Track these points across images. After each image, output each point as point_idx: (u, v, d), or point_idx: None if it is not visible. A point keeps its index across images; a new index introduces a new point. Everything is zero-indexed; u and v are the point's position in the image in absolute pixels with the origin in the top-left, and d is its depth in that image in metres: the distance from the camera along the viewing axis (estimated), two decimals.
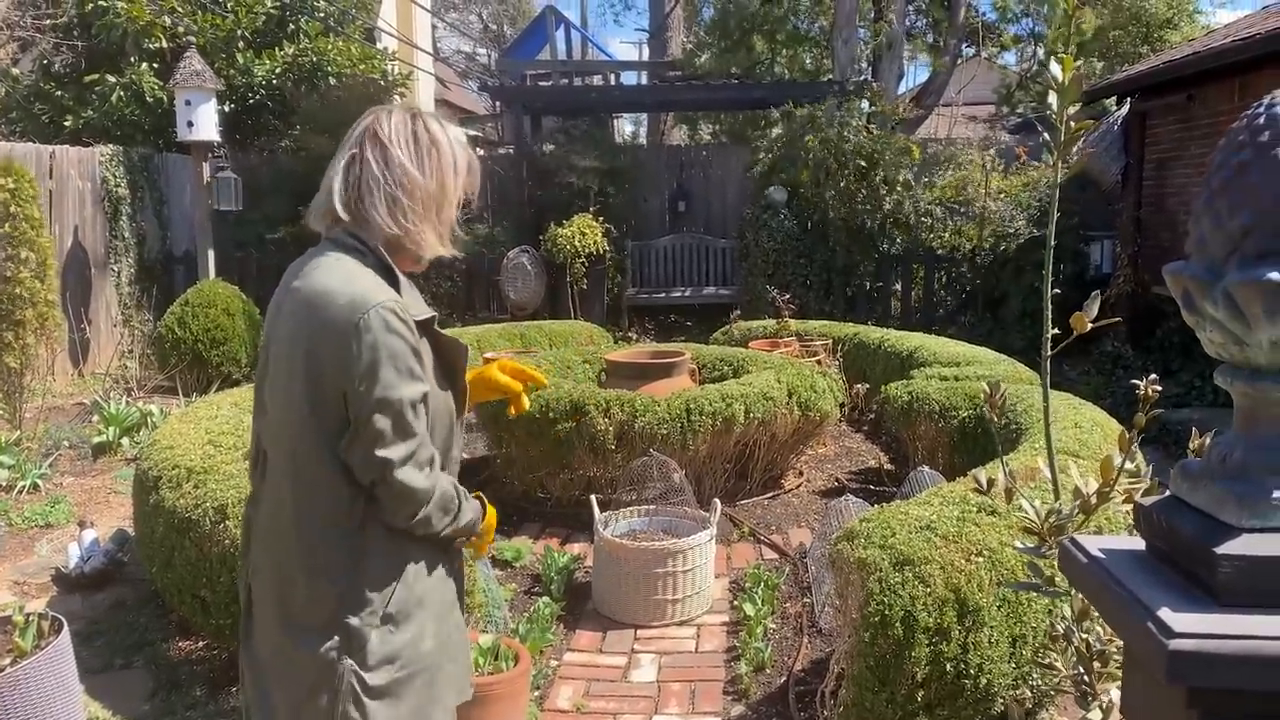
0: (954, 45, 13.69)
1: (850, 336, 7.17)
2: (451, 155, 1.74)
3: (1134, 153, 9.06)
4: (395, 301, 1.62)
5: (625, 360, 5.37)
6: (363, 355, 1.57)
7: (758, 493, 5.05)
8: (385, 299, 1.61)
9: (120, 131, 10.36)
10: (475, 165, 1.80)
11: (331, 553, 1.64)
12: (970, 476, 2.76)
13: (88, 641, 3.64)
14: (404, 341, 1.61)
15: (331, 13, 11.95)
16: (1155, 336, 8.59)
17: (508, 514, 4.91)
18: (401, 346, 1.60)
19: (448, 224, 1.77)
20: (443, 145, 1.73)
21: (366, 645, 1.63)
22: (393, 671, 1.65)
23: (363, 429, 1.59)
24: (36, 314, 6.09)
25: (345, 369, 1.58)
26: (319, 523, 1.64)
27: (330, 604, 1.64)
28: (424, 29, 19.84)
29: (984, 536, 2.75)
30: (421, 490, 1.63)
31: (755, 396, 4.70)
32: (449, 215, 1.77)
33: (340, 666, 1.62)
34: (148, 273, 9.72)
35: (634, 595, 3.77)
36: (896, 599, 2.58)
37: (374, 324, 1.57)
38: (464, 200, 1.80)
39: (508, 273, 10.68)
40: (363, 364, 1.57)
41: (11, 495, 5.43)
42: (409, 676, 1.68)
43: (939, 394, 4.94)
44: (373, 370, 1.57)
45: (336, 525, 1.64)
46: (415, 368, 1.62)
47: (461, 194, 1.78)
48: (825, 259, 10.60)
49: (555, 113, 13.15)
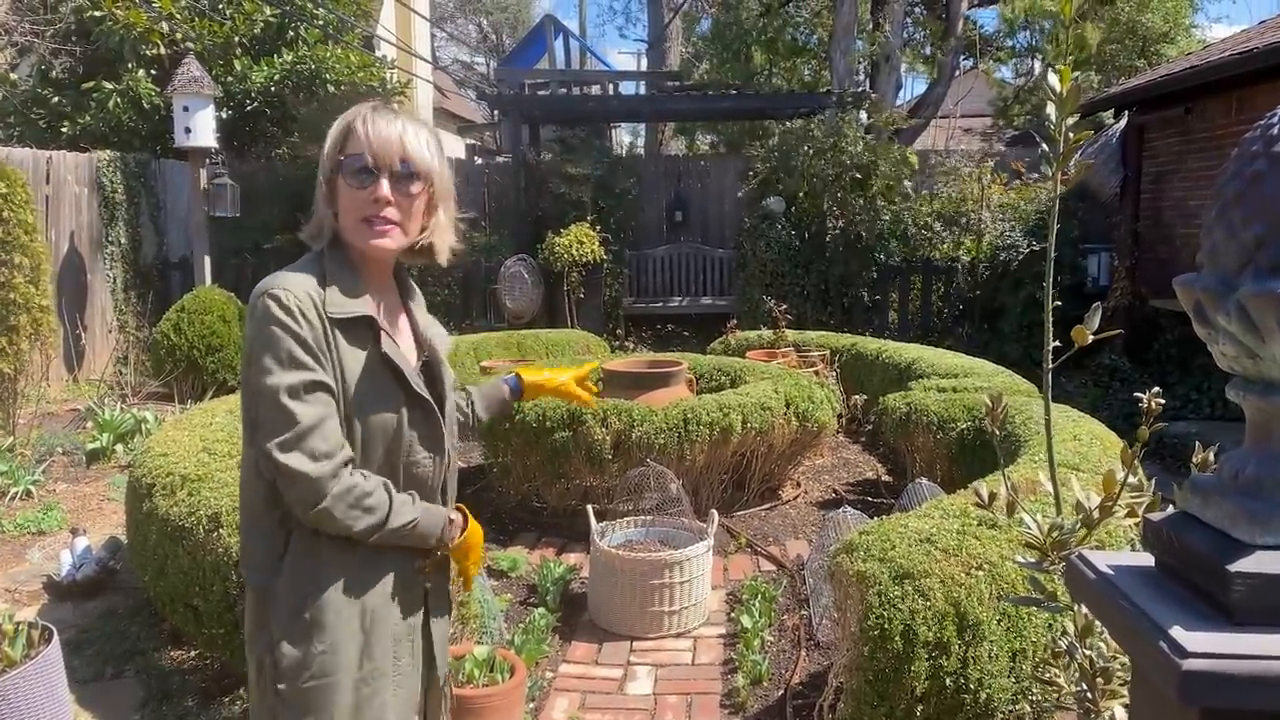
0: (951, 58, 13.72)
1: (848, 347, 7.15)
2: (332, 134, 1.70)
3: (1132, 165, 9.07)
4: (289, 290, 1.57)
5: (623, 369, 5.35)
6: (248, 342, 1.59)
7: (755, 504, 5.03)
8: (278, 285, 1.58)
9: (118, 138, 10.36)
10: (359, 130, 1.65)
11: (256, 553, 1.66)
12: (971, 490, 2.74)
13: (78, 650, 3.60)
14: (286, 329, 1.55)
15: (331, 20, 11.95)
16: (1152, 349, 8.59)
17: (504, 523, 4.89)
18: (280, 334, 1.55)
19: (342, 205, 1.67)
20: (333, 128, 1.70)
21: (277, 649, 1.62)
22: (301, 682, 1.61)
23: (249, 416, 1.60)
24: (30, 319, 6.07)
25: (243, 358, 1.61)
26: (247, 522, 1.69)
27: (256, 604, 1.66)
28: (423, 37, 19.88)
29: (984, 550, 2.73)
30: (311, 477, 1.54)
31: (752, 407, 4.68)
32: (336, 191, 1.68)
33: (265, 667, 1.64)
34: (144, 278, 9.70)
35: (630, 606, 3.74)
36: (896, 613, 2.56)
37: (259, 310, 1.56)
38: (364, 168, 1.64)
39: (505, 281, 10.66)
40: (247, 350, 1.59)
41: (4, 502, 5.39)
42: (320, 690, 1.61)
43: (937, 406, 4.92)
44: (252, 356, 1.56)
45: (257, 525, 1.66)
46: (300, 355, 1.55)
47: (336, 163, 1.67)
48: (823, 269, 10.60)
49: (553, 122, 13.15)
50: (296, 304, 1.56)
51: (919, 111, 13.77)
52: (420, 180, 1.69)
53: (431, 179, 1.72)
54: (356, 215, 1.66)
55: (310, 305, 1.58)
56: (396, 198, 1.66)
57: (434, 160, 1.71)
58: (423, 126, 1.72)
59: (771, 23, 15.10)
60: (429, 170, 1.70)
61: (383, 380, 1.66)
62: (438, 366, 1.82)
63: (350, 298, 1.65)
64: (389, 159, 1.65)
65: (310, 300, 1.59)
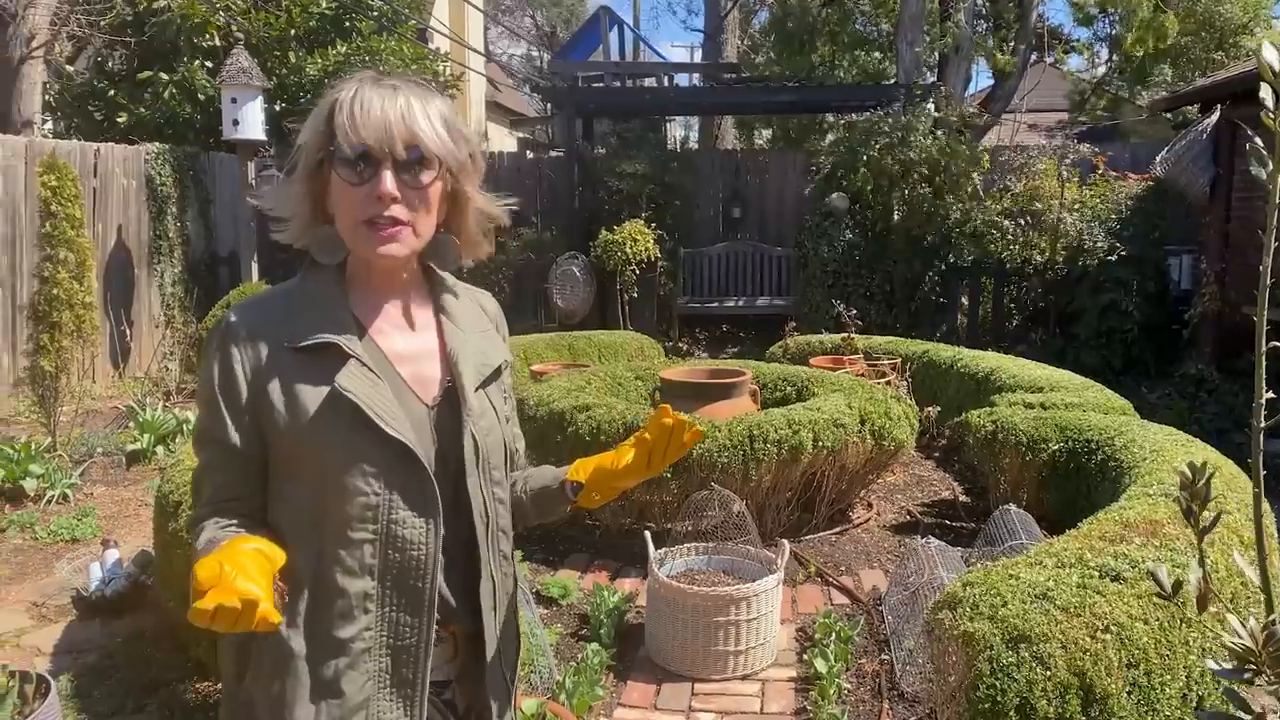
0: (1024, 49, 13.14)
1: (919, 354, 6.74)
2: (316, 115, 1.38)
3: (1224, 163, 8.50)
4: (231, 320, 1.38)
5: (682, 379, 5.01)
6: None
7: (824, 527, 4.66)
8: (232, 313, 1.39)
9: (172, 129, 10.24)
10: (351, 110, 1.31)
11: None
12: (1138, 586, 2.41)
13: (101, 679, 3.36)
14: (211, 363, 1.38)
15: (385, 11, 11.75)
16: (1243, 358, 8.04)
17: (553, 543, 4.58)
18: (207, 369, 1.38)
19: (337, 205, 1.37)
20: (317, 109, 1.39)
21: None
22: None
23: None
24: (73, 316, 5.88)
25: None
26: None
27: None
28: (476, 30, 19.70)
29: (1111, 609, 2.35)
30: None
31: (825, 423, 4.31)
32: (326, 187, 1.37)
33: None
34: (192, 273, 9.56)
35: (692, 645, 3.41)
36: (1011, 683, 2.20)
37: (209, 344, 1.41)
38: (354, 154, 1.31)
39: (557, 279, 10.37)
40: None
41: (40, 506, 5.22)
42: None
43: (1026, 424, 4.52)
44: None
45: None
46: (208, 395, 1.37)
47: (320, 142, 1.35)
48: (888, 270, 10.14)
49: (607, 115, 12.83)
50: (228, 334, 1.37)
51: (989, 106, 13.22)
52: (431, 167, 1.35)
53: (447, 162, 1.37)
54: (355, 217, 1.34)
55: (236, 331, 1.37)
56: (404, 191, 1.33)
57: (448, 139, 1.36)
58: (432, 96, 1.37)
59: (834, 13, 14.63)
60: (443, 152, 1.35)
61: (346, 418, 1.33)
62: (459, 397, 1.44)
63: (324, 318, 1.37)
64: (390, 144, 1.31)
65: (253, 332, 1.36)
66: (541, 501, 1.62)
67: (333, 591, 1.35)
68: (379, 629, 1.37)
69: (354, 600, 1.35)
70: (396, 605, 1.37)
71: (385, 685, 1.38)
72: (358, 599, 1.35)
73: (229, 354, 1.35)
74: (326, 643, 1.35)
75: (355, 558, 1.35)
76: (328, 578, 1.35)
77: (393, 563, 1.36)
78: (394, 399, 1.38)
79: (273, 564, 1.23)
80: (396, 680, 1.38)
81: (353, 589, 1.35)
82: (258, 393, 1.34)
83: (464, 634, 1.50)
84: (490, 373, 1.50)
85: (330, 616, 1.35)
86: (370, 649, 1.36)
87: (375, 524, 1.35)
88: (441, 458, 1.42)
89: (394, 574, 1.36)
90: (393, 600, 1.37)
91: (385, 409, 1.35)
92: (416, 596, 1.38)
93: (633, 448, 1.52)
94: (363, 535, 1.34)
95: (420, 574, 1.37)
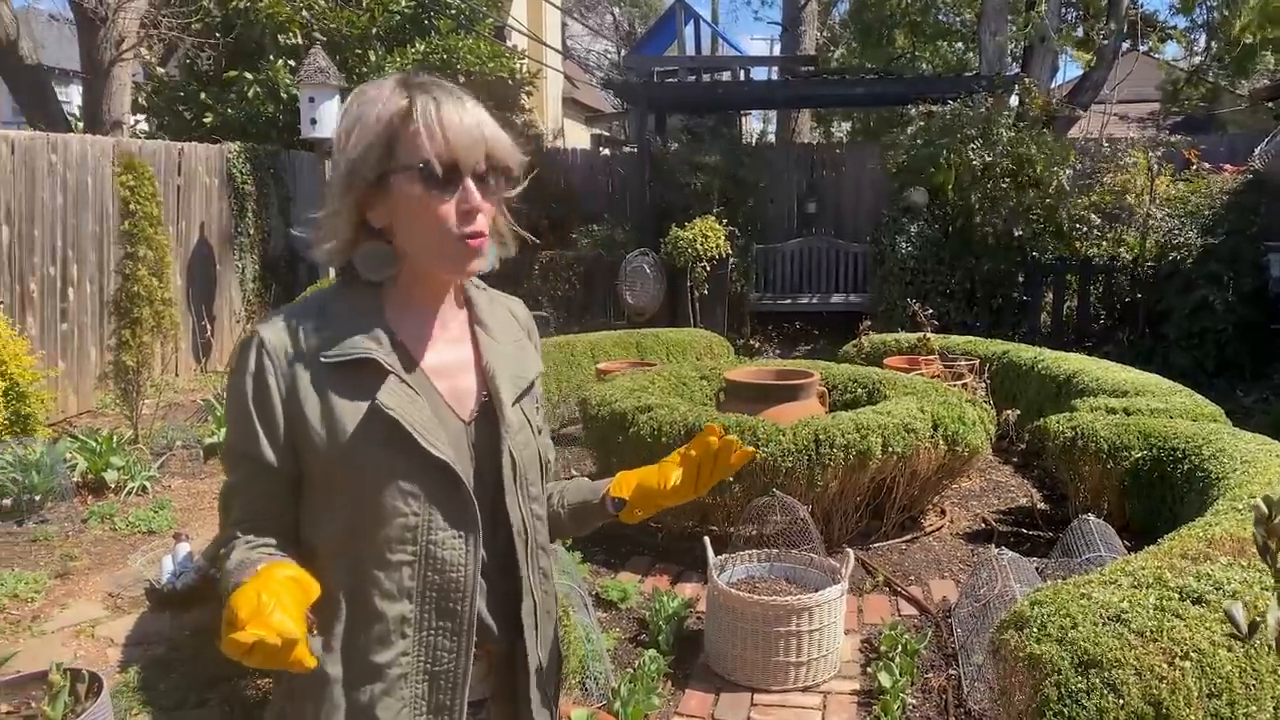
0: (1114, 37, 12.64)
1: (999, 355, 6.51)
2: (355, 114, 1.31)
3: None
4: (260, 333, 1.32)
5: (747, 380, 4.91)
6: None
7: (894, 534, 4.52)
8: (259, 328, 1.33)
9: (255, 128, 10.47)
10: (429, 121, 1.25)
11: None
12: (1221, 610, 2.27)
13: (166, 671, 3.42)
14: (243, 377, 1.31)
15: (463, 9, 11.85)
16: None
17: (614, 546, 4.53)
18: (237, 383, 1.31)
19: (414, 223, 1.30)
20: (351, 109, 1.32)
21: None
22: None
23: None
24: (153, 312, 6.04)
25: None
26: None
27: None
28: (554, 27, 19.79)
29: (1191, 635, 2.20)
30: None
31: (895, 428, 4.17)
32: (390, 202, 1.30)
33: None
34: (271, 269, 9.77)
35: (752, 654, 3.33)
36: (1080, 710, 2.07)
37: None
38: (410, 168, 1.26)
39: (627, 276, 10.34)
40: None
41: (120, 497, 5.36)
42: None
43: (1107, 431, 4.32)
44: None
45: None
46: (240, 410, 1.31)
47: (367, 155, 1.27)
48: (969, 267, 9.86)
49: (681, 110, 12.74)
50: (254, 349, 1.31)
51: (1076, 97, 12.76)
52: (510, 176, 1.33)
53: (516, 171, 1.34)
54: (448, 233, 1.28)
55: (264, 345, 1.30)
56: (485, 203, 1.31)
57: (514, 147, 1.34)
58: (477, 101, 1.34)
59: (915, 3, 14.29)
60: (514, 162, 1.33)
61: (384, 436, 1.29)
62: (496, 412, 1.39)
63: (361, 332, 1.31)
64: (477, 156, 1.27)
65: (285, 346, 1.30)
66: (580, 516, 1.58)
67: (370, 615, 1.30)
68: (416, 653, 1.32)
69: (391, 624, 1.30)
70: (435, 629, 1.33)
71: (422, 712, 1.33)
72: (395, 623, 1.31)
73: (263, 367, 1.30)
74: (363, 668, 1.31)
75: (393, 580, 1.30)
76: (365, 601, 1.30)
77: (431, 585, 1.31)
78: (433, 416, 1.33)
79: (307, 596, 1.14)
80: (433, 706, 1.34)
81: (390, 613, 1.30)
82: (293, 408, 1.29)
83: (499, 653, 1.45)
84: (526, 386, 1.45)
85: (367, 641, 1.31)
86: (407, 674, 1.32)
87: (414, 545, 1.30)
88: (479, 475, 1.37)
89: (433, 596, 1.32)
90: (431, 624, 1.32)
91: (426, 427, 1.30)
92: (455, 619, 1.33)
93: (679, 466, 1.48)
94: (401, 557, 1.30)
95: (459, 595, 1.33)
